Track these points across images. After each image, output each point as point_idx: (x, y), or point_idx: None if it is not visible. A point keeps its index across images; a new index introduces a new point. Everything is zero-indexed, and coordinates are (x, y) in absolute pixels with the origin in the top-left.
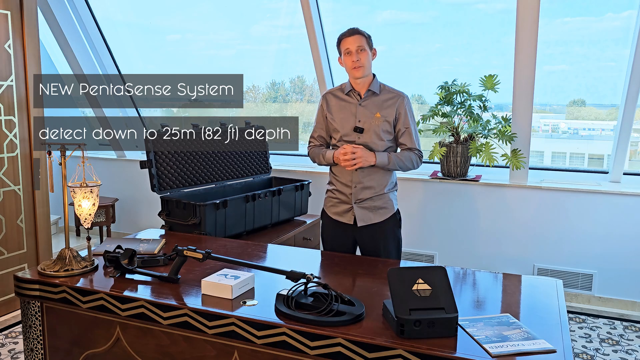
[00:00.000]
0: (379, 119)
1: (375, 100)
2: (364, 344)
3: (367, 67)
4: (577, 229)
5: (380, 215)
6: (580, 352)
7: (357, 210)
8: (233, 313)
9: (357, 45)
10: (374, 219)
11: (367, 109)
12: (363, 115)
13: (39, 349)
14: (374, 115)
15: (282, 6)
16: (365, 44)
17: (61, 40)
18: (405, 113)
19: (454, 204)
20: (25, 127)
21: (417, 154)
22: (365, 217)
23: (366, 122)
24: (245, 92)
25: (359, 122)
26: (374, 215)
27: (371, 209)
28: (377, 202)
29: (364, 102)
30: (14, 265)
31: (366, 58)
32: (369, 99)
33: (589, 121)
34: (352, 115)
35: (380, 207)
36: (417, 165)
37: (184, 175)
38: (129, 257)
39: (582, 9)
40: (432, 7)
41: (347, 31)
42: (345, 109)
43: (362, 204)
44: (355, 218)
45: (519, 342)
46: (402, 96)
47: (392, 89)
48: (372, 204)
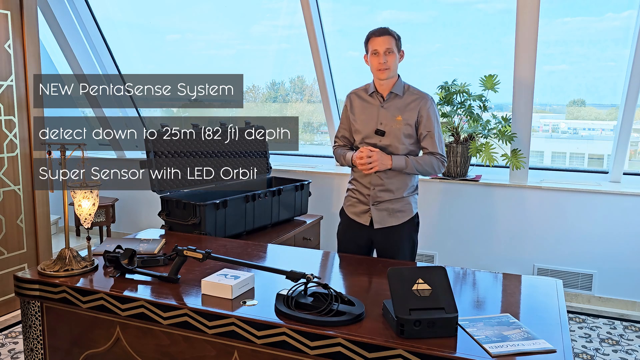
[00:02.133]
0: (400, 122)
1: (397, 103)
2: (364, 344)
3: (393, 69)
4: (577, 229)
5: (398, 219)
6: (580, 352)
7: (375, 212)
8: (233, 313)
9: (386, 47)
10: (391, 222)
11: (389, 112)
12: (385, 118)
13: (39, 349)
14: (396, 118)
15: (282, 6)
16: (394, 45)
17: (61, 40)
18: (427, 116)
19: (454, 204)
20: (25, 127)
21: (438, 159)
22: (382, 219)
23: (387, 125)
24: (245, 92)
25: (381, 125)
26: (391, 218)
27: (389, 212)
28: (395, 205)
29: (386, 105)
30: (14, 265)
31: (393, 60)
32: (392, 101)
33: (589, 121)
34: (374, 118)
35: (399, 210)
36: (439, 170)
37: (184, 175)
38: (129, 257)
39: (582, 9)
40: (432, 7)
41: (377, 30)
42: (367, 111)
43: (380, 206)
44: (372, 220)
45: (519, 342)
46: (426, 98)
47: (416, 91)
48: (390, 207)
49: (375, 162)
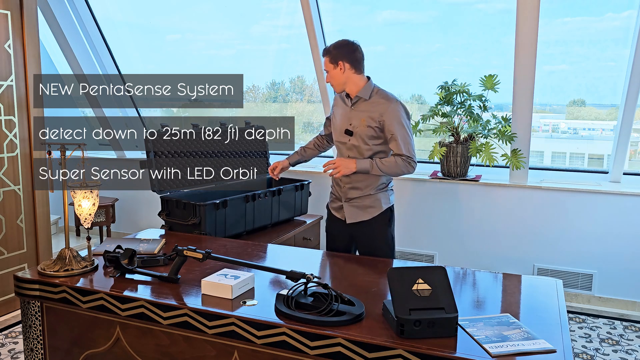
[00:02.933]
0: (364, 124)
1: (364, 106)
2: (364, 344)
3: (339, 83)
4: (577, 229)
5: (369, 214)
6: (580, 352)
7: (347, 207)
8: (233, 313)
9: (324, 68)
10: (362, 217)
11: (356, 113)
12: (353, 119)
13: (39, 349)
14: (361, 120)
15: (282, 6)
16: (328, 63)
17: (61, 40)
18: (390, 120)
19: (454, 204)
20: (25, 127)
21: (404, 160)
22: (354, 214)
23: (355, 126)
24: (245, 92)
25: (350, 126)
26: (363, 213)
27: (360, 208)
28: (365, 201)
29: (354, 107)
30: (14, 265)
31: (332, 77)
32: (359, 104)
33: (589, 121)
34: (346, 118)
35: (369, 206)
36: (407, 169)
37: (184, 175)
38: (129, 257)
39: (582, 9)
40: (432, 7)
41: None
42: (341, 111)
43: (351, 203)
44: (345, 215)
45: (519, 342)
46: (389, 103)
47: (384, 95)
48: (361, 203)
49: (339, 167)
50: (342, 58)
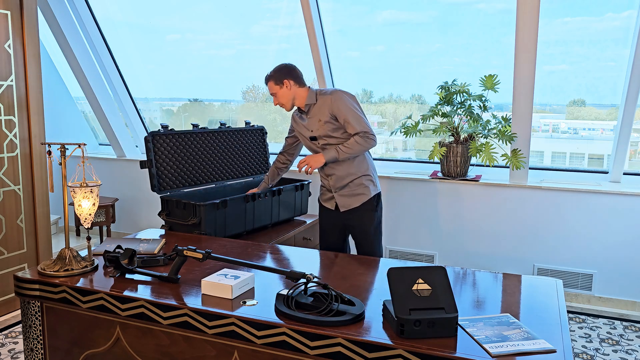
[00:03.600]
0: (322, 124)
1: (314, 110)
2: (364, 344)
3: (288, 100)
4: (577, 229)
5: (359, 200)
6: (580, 352)
7: (337, 197)
8: (233, 313)
9: (271, 92)
10: (352, 204)
11: (312, 120)
12: (312, 126)
13: (39, 349)
14: (318, 122)
15: (282, 6)
16: (274, 86)
17: (61, 40)
18: (337, 108)
19: (454, 204)
20: (25, 127)
21: (361, 136)
22: (345, 202)
23: (316, 130)
24: (245, 92)
25: (311, 132)
26: (352, 201)
27: (349, 196)
28: (353, 189)
29: (308, 115)
30: (14, 265)
31: (281, 96)
32: (311, 111)
33: (589, 121)
34: (306, 129)
35: (358, 193)
36: (368, 143)
37: (184, 175)
38: (129, 257)
39: (582, 9)
40: (432, 7)
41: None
42: (301, 125)
43: (341, 192)
44: (337, 204)
45: (519, 342)
46: (331, 96)
47: (325, 92)
48: (350, 192)
49: (309, 163)
50: (285, 77)
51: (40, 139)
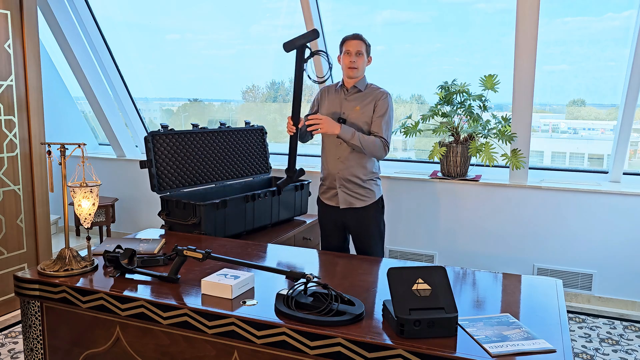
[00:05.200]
0: (357, 112)
1: (358, 96)
2: (364, 344)
3: (361, 69)
4: (577, 228)
5: (363, 202)
6: (580, 352)
7: (340, 194)
8: (233, 313)
9: (357, 50)
10: (355, 204)
11: (350, 103)
12: (346, 108)
13: (39, 349)
14: (354, 108)
15: (282, 6)
16: (364, 50)
17: (61, 40)
18: (381, 105)
19: (454, 204)
20: (25, 127)
21: (382, 141)
22: (347, 200)
23: (348, 114)
24: (245, 92)
25: (343, 114)
26: (356, 201)
27: (353, 195)
28: (358, 190)
29: (348, 97)
30: (14, 265)
31: (361, 62)
32: (354, 95)
33: (589, 121)
34: (338, 108)
35: (363, 195)
36: (381, 152)
37: (184, 175)
38: (129, 257)
39: (582, 9)
40: (432, 7)
41: (351, 35)
42: (333, 102)
43: (345, 189)
44: (339, 201)
45: (518, 341)
46: (383, 93)
47: (377, 88)
48: (354, 191)
49: (323, 123)
50: (370, 54)
51: (40, 139)
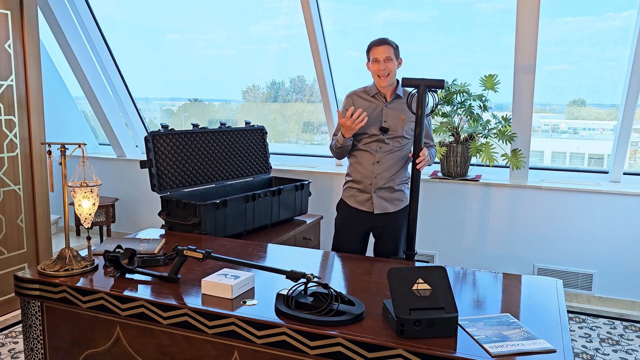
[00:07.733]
0: (403, 121)
1: (399, 104)
2: (364, 344)
3: (393, 75)
4: (577, 228)
5: (396, 206)
6: (580, 351)
7: (376, 199)
8: (233, 313)
9: (385, 56)
10: (389, 209)
11: (392, 111)
12: (388, 117)
13: (39, 349)
14: (399, 117)
15: (282, 6)
16: (392, 54)
17: (61, 40)
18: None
19: (454, 204)
20: (25, 127)
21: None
22: (382, 205)
23: (391, 123)
24: (245, 92)
25: (385, 123)
26: (390, 205)
27: (388, 200)
28: (393, 194)
29: (390, 105)
30: (14, 265)
31: (392, 67)
32: (394, 102)
33: (589, 121)
34: (378, 116)
35: (396, 198)
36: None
37: (184, 175)
38: (129, 256)
39: (582, 9)
40: (432, 7)
41: (377, 40)
42: (371, 110)
43: (380, 194)
44: (374, 206)
45: (518, 341)
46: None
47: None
48: (389, 195)
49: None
50: (399, 55)
51: (40, 138)
